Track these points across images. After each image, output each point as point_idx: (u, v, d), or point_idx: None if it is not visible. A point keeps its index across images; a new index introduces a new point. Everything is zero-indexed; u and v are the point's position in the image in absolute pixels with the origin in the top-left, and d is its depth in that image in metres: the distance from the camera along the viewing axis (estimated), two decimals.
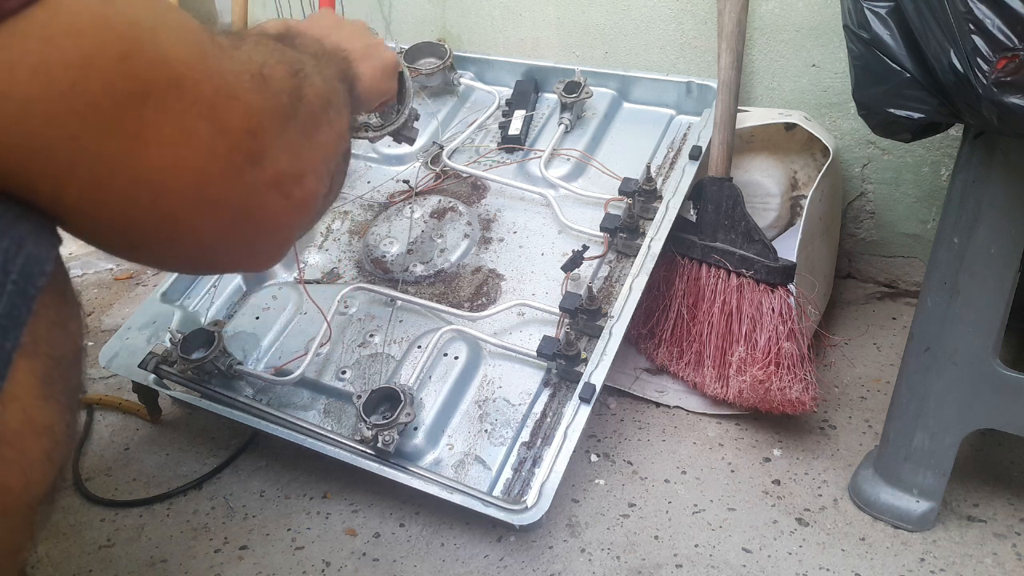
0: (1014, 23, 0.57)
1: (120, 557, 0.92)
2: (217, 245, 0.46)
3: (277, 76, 0.47)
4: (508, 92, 1.23)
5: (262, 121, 0.45)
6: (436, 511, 0.93)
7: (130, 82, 0.38)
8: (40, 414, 0.38)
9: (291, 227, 0.51)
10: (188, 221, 0.43)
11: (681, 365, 1.07)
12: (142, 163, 0.39)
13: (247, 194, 0.45)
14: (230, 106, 0.42)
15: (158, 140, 0.39)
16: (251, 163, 0.44)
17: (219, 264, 0.52)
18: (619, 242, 1.02)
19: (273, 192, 0.46)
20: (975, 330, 0.77)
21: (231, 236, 0.46)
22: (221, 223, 0.45)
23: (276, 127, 0.46)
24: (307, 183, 0.49)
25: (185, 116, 0.40)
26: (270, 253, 0.52)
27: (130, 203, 0.40)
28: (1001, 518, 0.89)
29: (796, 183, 1.17)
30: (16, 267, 0.37)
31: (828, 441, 1.01)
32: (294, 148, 0.48)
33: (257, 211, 0.46)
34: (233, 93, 0.43)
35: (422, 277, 1.06)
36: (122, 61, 0.37)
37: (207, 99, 0.41)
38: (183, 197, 0.42)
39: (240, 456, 1.04)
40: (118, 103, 0.37)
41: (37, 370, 0.38)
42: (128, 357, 1.03)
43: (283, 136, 0.47)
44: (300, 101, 0.49)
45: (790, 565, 0.85)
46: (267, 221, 0.47)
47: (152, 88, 0.39)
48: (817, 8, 1.12)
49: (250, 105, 0.44)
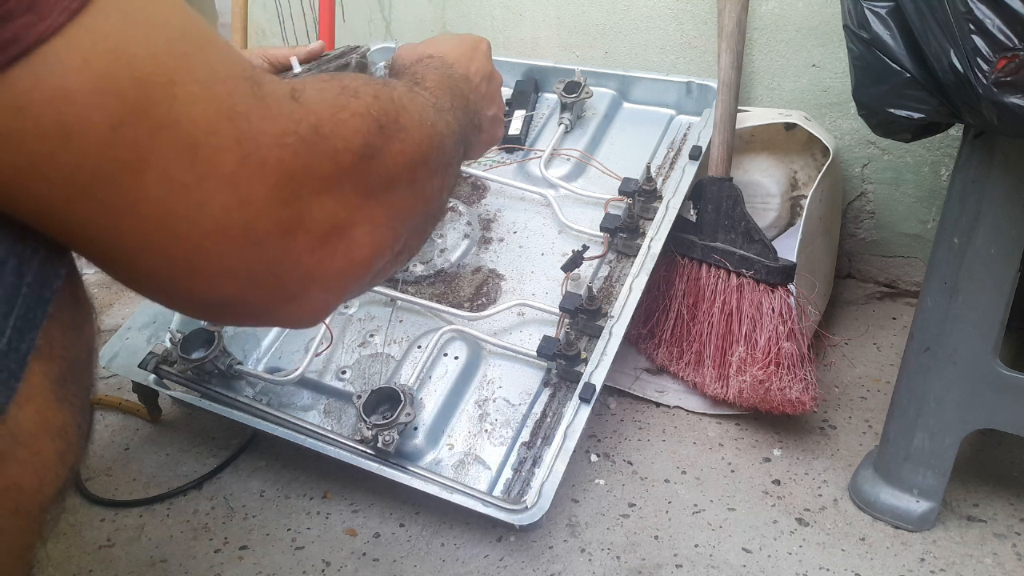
0: (1014, 23, 0.57)
1: (120, 557, 0.92)
2: (227, 307, 0.41)
3: (344, 133, 0.41)
4: (508, 92, 1.23)
5: (299, 188, 0.39)
6: (436, 511, 0.93)
7: (123, 151, 0.33)
8: (54, 416, 0.38)
9: (334, 287, 0.44)
10: (183, 287, 0.39)
11: (681, 365, 1.07)
12: (126, 231, 0.35)
13: (270, 260, 0.39)
14: (258, 176, 0.37)
15: (153, 213, 0.35)
16: (281, 232, 0.39)
17: (243, 322, 0.46)
18: (619, 242, 1.02)
19: (311, 252, 0.41)
20: (975, 330, 0.77)
21: (248, 300, 0.41)
22: (227, 290, 0.39)
23: (323, 188, 0.40)
24: (358, 238, 0.43)
25: (194, 189, 0.35)
26: (305, 314, 0.44)
27: (112, 268, 0.38)
28: (1001, 518, 0.89)
29: (796, 183, 1.17)
30: (31, 271, 0.36)
31: (828, 441, 1.01)
32: (346, 205, 0.42)
33: (289, 274, 0.41)
34: (264, 161, 0.37)
35: (422, 277, 1.06)
36: (116, 129, 0.33)
37: (227, 170, 0.36)
38: (175, 266, 0.37)
39: (240, 456, 1.04)
40: (101, 176, 0.33)
41: (51, 372, 0.38)
42: (128, 357, 1.03)
43: (329, 196, 0.40)
44: (369, 160, 0.42)
45: (790, 565, 0.85)
46: (299, 282, 0.42)
47: (154, 157, 0.34)
48: (817, 8, 1.12)
49: (287, 173, 0.38)
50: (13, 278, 0.35)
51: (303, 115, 0.39)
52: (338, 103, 0.42)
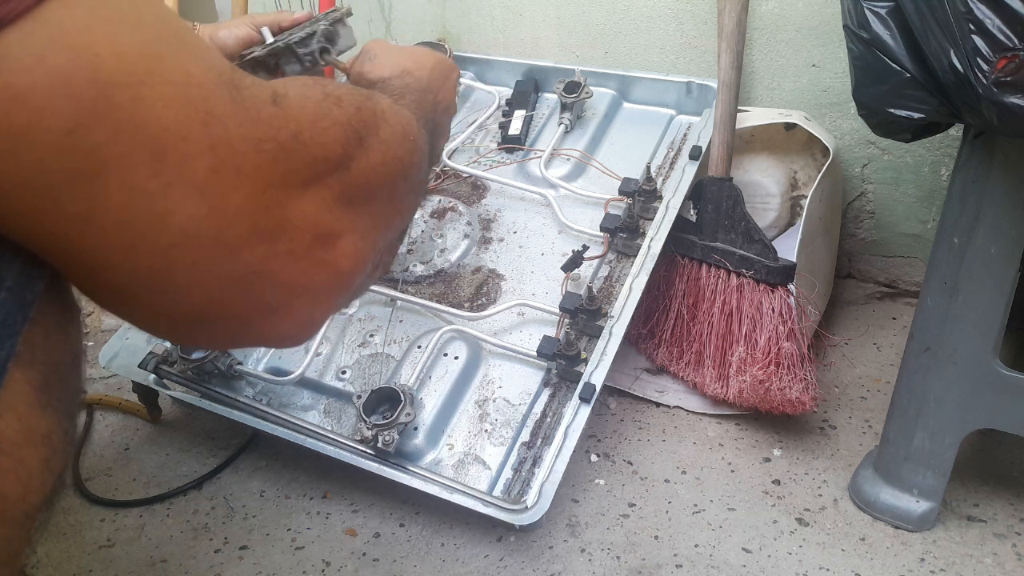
0: (1014, 23, 0.57)
1: (120, 557, 0.92)
2: (198, 324, 0.39)
3: (324, 141, 0.40)
4: (508, 92, 1.23)
5: (277, 195, 0.37)
6: (436, 511, 0.93)
7: (78, 158, 0.31)
8: (37, 423, 0.37)
9: (320, 299, 0.42)
10: (147, 302, 0.37)
11: (681, 365, 1.07)
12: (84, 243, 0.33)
13: (248, 271, 0.38)
14: (232, 184, 0.35)
15: (112, 222, 0.33)
16: (260, 238, 0.37)
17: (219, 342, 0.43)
18: (619, 242, 1.02)
19: (296, 261, 0.39)
20: (975, 330, 0.77)
21: (223, 314, 0.39)
22: (196, 303, 0.37)
23: (298, 193, 0.39)
24: (343, 248, 0.42)
25: (158, 198, 0.33)
26: (290, 329, 0.42)
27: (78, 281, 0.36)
28: (1001, 518, 0.89)
29: (796, 183, 1.17)
30: (11, 275, 0.35)
31: (828, 441, 1.01)
32: (327, 212, 0.41)
33: (269, 284, 0.39)
34: (240, 168, 0.35)
35: (422, 277, 1.06)
36: (71, 134, 0.30)
37: (198, 177, 0.34)
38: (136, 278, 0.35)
39: (240, 456, 1.04)
40: (55, 185, 0.31)
41: (34, 379, 0.37)
42: (128, 357, 1.03)
43: (308, 201, 0.39)
44: (346, 170, 0.41)
45: (790, 565, 0.85)
46: (284, 292, 0.40)
47: (113, 163, 0.32)
48: (817, 8, 1.12)
49: (264, 181, 0.36)
50: None
51: (283, 121, 0.38)
52: (320, 111, 0.41)
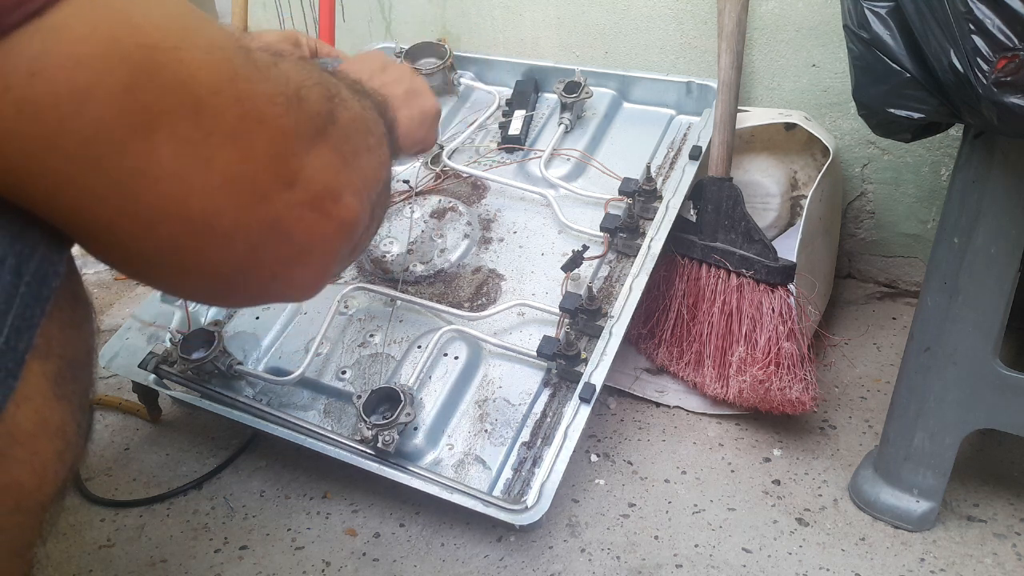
0: (1014, 23, 0.57)
1: (120, 557, 0.92)
2: (239, 275, 0.43)
3: (313, 98, 0.45)
4: (508, 92, 1.23)
5: (293, 145, 0.42)
6: (436, 511, 0.93)
7: (135, 115, 0.35)
8: (52, 415, 0.38)
9: (331, 250, 0.47)
10: (200, 252, 0.40)
11: (681, 365, 1.07)
12: (142, 197, 0.36)
13: (276, 218, 0.42)
14: (257, 131, 0.40)
15: (166, 173, 0.36)
16: (282, 186, 0.42)
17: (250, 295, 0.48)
18: (619, 242, 1.02)
19: (310, 212, 0.43)
20: (975, 330, 0.77)
21: (257, 264, 0.43)
22: (239, 252, 0.41)
23: (307, 147, 0.43)
24: (347, 202, 0.46)
25: (201, 146, 0.37)
26: (309, 279, 0.48)
27: (125, 234, 0.38)
28: (1001, 518, 0.89)
29: (796, 183, 1.17)
30: (30, 269, 0.36)
31: (828, 441, 1.01)
32: (330, 168, 0.45)
33: (293, 233, 0.43)
34: (262, 117, 0.40)
35: (422, 277, 1.06)
36: (128, 92, 0.34)
37: (230, 126, 0.38)
38: (191, 226, 0.38)
39: (240, 456, 1.04)
40: (116, 140, 0.34)
41: (49, 371, 0.38)
42: (128, 357, 1.03)
43: (316, 156, 0.44)
44: (334, 124, 0.46)
45: (790, 565, 0.85)
46: (303, 242, 0.44)
47: (164, 117, 0.36)
48: (817, 8, 1.12)
49: (281, 129, 0.41)
50: (11, 277, 0.36)
51: (287, 80, 0.42)
52: (302, 72, 0.45)
